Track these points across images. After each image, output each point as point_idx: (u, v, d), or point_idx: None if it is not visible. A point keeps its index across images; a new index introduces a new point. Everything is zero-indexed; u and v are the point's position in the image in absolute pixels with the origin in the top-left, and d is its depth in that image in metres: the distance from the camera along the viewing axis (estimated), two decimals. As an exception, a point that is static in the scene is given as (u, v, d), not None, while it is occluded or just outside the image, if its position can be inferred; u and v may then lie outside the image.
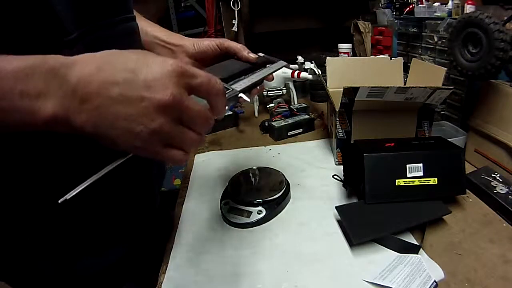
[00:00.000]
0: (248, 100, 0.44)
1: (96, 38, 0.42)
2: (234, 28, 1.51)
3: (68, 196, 0.31)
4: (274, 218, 0.61)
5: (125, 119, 0.29)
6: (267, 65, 0.55)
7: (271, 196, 0.62)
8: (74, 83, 0.29)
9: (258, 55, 0.56)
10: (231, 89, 0.41)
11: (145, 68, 0.30)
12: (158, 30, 0.60)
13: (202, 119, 0.33)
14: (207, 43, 0.57)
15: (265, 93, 1.09)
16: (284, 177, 0.68)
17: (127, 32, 0.48)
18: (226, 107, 0.38)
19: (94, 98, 0.29)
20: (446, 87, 0.63)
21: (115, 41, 0.45)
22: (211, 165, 0.82)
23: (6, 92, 0.28)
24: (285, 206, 0.64)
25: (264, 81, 0.54)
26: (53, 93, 0.29)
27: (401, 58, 0.93)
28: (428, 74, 0.78)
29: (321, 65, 0.99)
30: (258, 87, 0.51)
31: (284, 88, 1.10)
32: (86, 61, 0.30)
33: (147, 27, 0.59)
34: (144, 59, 0.31)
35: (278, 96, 1.10)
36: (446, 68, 0.70)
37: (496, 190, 0.61)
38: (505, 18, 0.65)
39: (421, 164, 0.57)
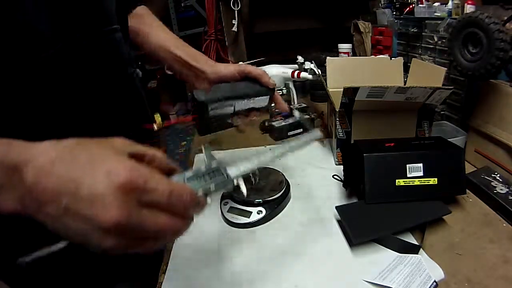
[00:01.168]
0: (244, 192, 0.38)
1: (77, 52, 0.42)
2: (234, 28, 1.51)
3: (27, 259, 0.30)
4: (274, 218, 0.61)
5: (77, 232, 0.27)
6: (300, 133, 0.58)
7: (271, 196, 0.62)
8: (29, 185, 0.27)
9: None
10: (224, 175, 0.36)
11: (90, 178, 0.27)
12: (182, 49, 0.60)
13: (164, 233, 0.29)
14: (226, 72, 0.57)
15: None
16: (284, 177, 0.68)
17: (111, 44, 0.48)
18: (208, 200, 0.34)
19: (46, 205, 0.27)
20: (446, 87, 0.63)
21: (97, 54, 0.45)
22: (211, 165, 0.82)
23: None
24: (285, 206, 0.64)
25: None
26: (13, 189, 0.28)
27: (401, 58, 0.94)
28: (428, 74, 0.78)
29: (321, 65, 0.99)
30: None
31: (284, 88, 1.10)
32: (42, 162, 0.28)
33: (170, 44, 0.59)
34: (92, 165, 0.27)
35: (278, 96, 1.10)
36: (446, 68, 0.70)
37: (496, 190, 0.61)
38: (505, 18, 0.65)
39: (421, 164, 0.57)
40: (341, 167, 0.68)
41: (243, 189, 0.38)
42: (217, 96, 0.54)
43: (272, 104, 0.62)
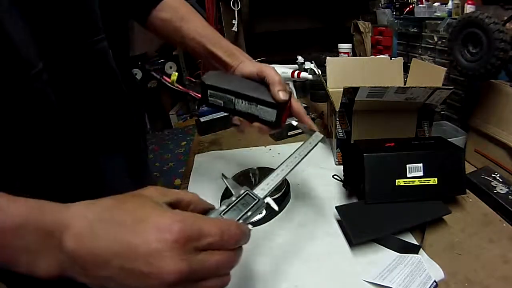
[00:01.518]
0: (276, 208, 0.40)
1: (63, 65, 0.41)
2: (234, 28, 1.51)
3: None
4: (274, 218, 0.61)
5: None
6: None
7: (271, 196, 0.62)
8: (70, 251, 0.27)
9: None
10: (255, 198, 0.37)
11: (141, 238, 0.27)
12: (218, 45, 0.57)
13: (222, 268, 0.30)
14: (247, 70, 0.54)
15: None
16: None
17: (97, 54, 0.47)
18: (250, 226, 0.34)
19: (95, 269, 0.27)
20: (446, 87, 0.63)
21: (83, 66, 0.45)
22: (211, 165, 0.82)
23: (2, 249, 0.27)
24: (285, 206, 0.64)
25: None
26: (50, 255, 0.28)
27: (401, 58, 0.94)
28: (428, 74, 0.78)
29: (321, 65, 0.99)
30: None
31: (284, 88, 1.10)
32: (80, 226, 0.28)
33: (206, 40, 0.57)
34: (138, 224, 0.27)
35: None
36: (446, 68, 0.70)
37: (496, 190, 0.61)
38: (505, 18, 0.64)
39: (421, 164, 0.57)
40: (341, 167, 0.68)
41: (274, 206, 0.39)
42: (220, 85, 0.51)
43: (287, 123, 0.54)
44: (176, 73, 0.62)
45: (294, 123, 0.53)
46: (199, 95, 0.55)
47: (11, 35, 0.34)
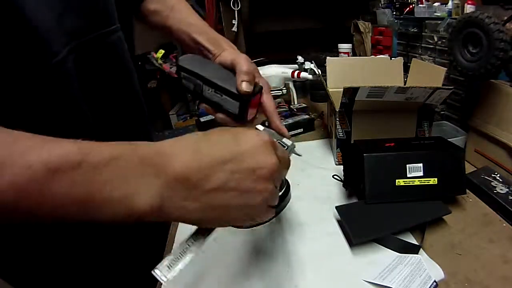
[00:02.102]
0: (301, 154, 0.49)
1: (84, 53, 0.42)
2: (234, 28, 1.51)
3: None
4: (274, 218, 0.61)
5: (243, 193, 0.31)
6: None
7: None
8: (178, 172, 0.29)
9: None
10: (286, 146, 0.44)
11: (243, 144, 0.32)
12: (204, 34, 0.57)
13: (284, 176, 0.38)
14: (224, 59, 0.53)
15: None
16: (284, 177, 0.68)
17: (114, 44, 0.48)
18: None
19: (204, 183, 0.29)
20: (446, 87, 0.63)
21: (102, 55, 0.46)
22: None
23: (98, 186, 0.27)
24: (285, 206, 0.64)
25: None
26: (150, 182, 0.28)
27: (401, 58, 0.94)
28: (428, 74, 0.78)
29: (321, 65, 0.99)
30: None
31: (284, 88, 1.10)
32: (179, 149, 0.30)
33: (191, 29, 0.57)
34: (236, 135, 0.32)
35: (278, 96, 1.10)
36: (446, 68, 0.70)
37: (496, 190, 0.61)
38: (505, 18, 0.65)
39: (421, 164, 0.57)
40: (341, 167, 0.68)
41: (299, 152, 0.46)
42: (191, 69, 0.49)
43: (256, 116, 0.52)
44: (163, 51, 0.64)
45: (260, 127, 0.48)
46: (174, 74, 0.55)
47: (33, 22, 0.35)
